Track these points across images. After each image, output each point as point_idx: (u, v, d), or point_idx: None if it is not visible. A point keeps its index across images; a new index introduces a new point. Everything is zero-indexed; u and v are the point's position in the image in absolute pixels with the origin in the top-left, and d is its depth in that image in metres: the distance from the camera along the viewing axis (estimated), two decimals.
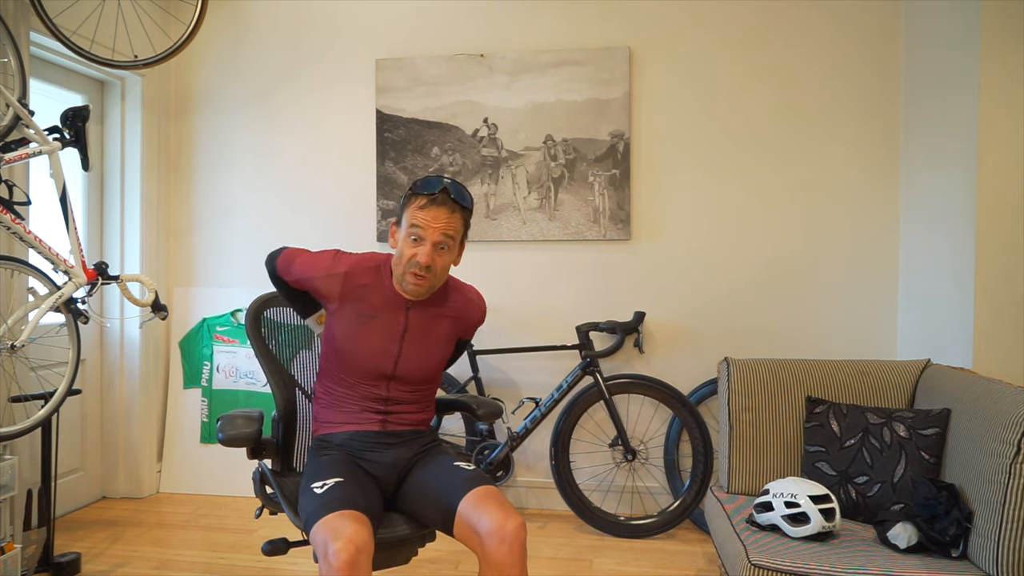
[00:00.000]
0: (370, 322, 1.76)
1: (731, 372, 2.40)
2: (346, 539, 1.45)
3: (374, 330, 1.76)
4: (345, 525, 1.49)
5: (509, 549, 1.54)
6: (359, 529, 1.49)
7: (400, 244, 1.73)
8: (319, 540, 1.49)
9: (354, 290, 1.77)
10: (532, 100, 3.27)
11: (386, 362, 1.78)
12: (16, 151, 2.24)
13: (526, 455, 3.33)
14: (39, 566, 2.53)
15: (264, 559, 2.71)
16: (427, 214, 1.68)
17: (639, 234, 3.24)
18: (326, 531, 1.48)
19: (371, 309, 1.76)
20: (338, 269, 1.78)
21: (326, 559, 1.44)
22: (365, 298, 1.77)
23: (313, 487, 1.64)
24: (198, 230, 3.63)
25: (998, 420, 1.76)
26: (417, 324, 1.80)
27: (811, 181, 3.12)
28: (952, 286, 2.59)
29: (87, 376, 3.34)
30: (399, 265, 1.73)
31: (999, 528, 1.68)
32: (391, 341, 1.77)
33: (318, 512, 1.54)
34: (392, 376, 1.80)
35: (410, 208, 1.71)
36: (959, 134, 2.54)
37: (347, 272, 1.78)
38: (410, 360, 1.80)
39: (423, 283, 1.72)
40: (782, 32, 3.12)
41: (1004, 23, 2.38)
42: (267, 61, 3.54)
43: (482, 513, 1.59)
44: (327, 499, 1.58)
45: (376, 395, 1.80)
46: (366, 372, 1.78)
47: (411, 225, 1.69)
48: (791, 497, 1.92)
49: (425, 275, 1.70)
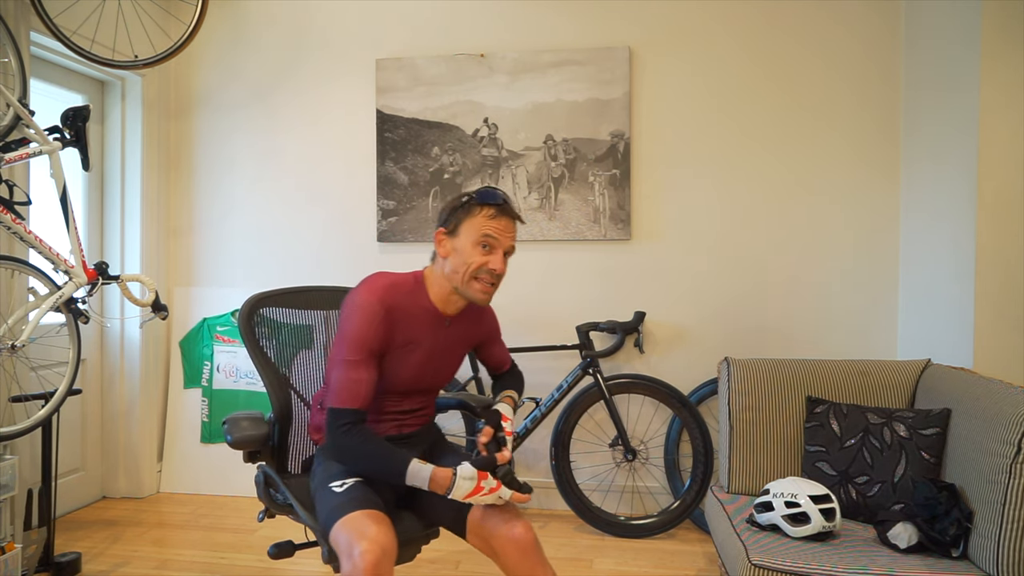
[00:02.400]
0: (417, 349, 1.71)
1: (731, 372, 2.40)
2: (371, 539, 1.44)
3: (418, 355, 1.72)
4: (369, 525, 1.48)
5: (524, 555, 1.59)
6: (383, 530, 1.48)
7: (463, 253, 1.66)
8: (342, 539, 1.47)
9: (401, 321, 1.68)
10: (532, 100, 3.27)
11: (421, 380, 1.76)
12: (16, 151, 2.24)
13: (526, 455, 3.33)
14: (39, 566, 2.53)
15: (265, 559, 2.71)
16: (499, 224, 1.66)
17: (639, 234, 3.24)
18: (349, 530, 1.47)
19: (416, 334, 1.70)
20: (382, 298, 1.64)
21: (351, 559, 1.42)
22: (408, 324, 1.69)
23: (331, 486, 1.62)
24: (198, 230, 3.63)
25: (998, 420, 1.76)
26: (452, 338, 1.79)
27: (811, 182, 3.12)
28: (952, 286, 2.59)
29: (87, 376, 3.34)
30: (462, 273, 1.66)
31: (999, 528, 1.68)
32: (431, 361, 1.75)
33: (339, 510, 1.53)
34: (420, 391, 1.80)
35: (476, 217, 1.66)
36: (959, 133, 2.54)
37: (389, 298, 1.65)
38: (440, 375, 1.81)
39: (491, 290, 1.70)
40: (783, 31, 3.12)
41: (1004, 22, 2.38)
42: (267, 61, 3.54)
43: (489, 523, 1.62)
44: (347, 497, 1.56)
45: (395, 409, 1.78)
46: (396, 391, 1.75)
47: (483, 234, 1.65)
48: (791, 497, 1.92)
49: (494, 282, 1.69)
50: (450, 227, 1.69)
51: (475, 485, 1.55)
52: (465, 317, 1.82)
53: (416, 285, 1.73)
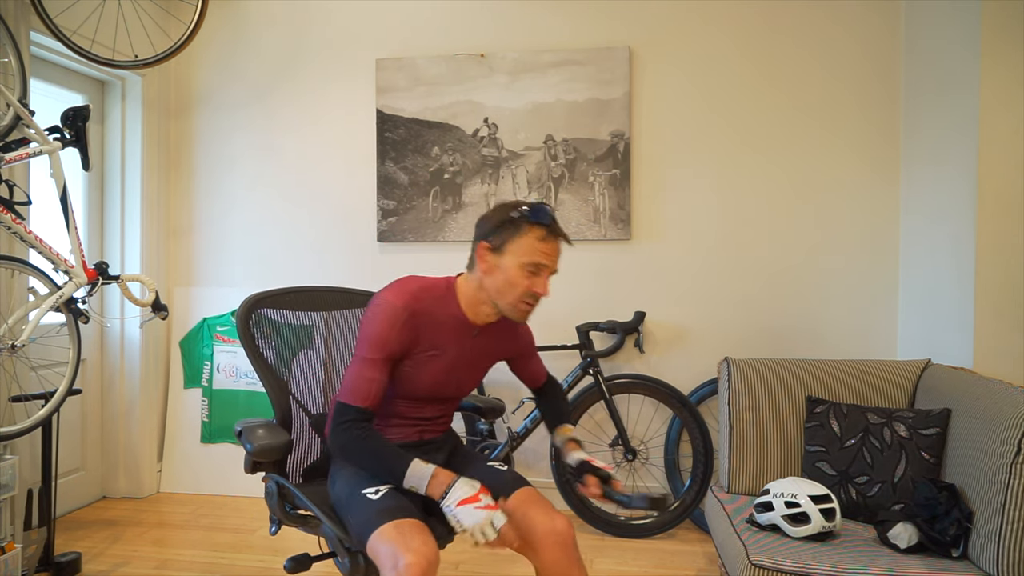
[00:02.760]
0: (441, 356, 1.67)
1: (731, 372, 2.40)
2: (416, 551, 1.40)
3: (442, 363, 1.68)
4: (413, 536, 1.43)
5: (564, 551, 1.57)
6: (427, 540, 1.44)
7: (509, 273, 1.60)
8: (383, 550, 1.42)
9: (427, 327, 1.64)
10: (532, 100, 3.27)
11: (445, 389, 1.73)
12: (16, 151, 2.24)
13: (526, 455, 3.33)
14: (39, 566, 2.53)
15: (265, 559, 2.71)
16: (547, 247, 1.61)
17: (639, 234, 3.24)
18: (392, 541, 1.42)
19: (441, 341, 1.66)
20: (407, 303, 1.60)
21: (395, 571, 1.38)
22: (433, 330, 1.65)
23: (365, 493, 1.57)
24: (198, 229, 3.63)
25: (998, 420, 1.76)
26: (479, 348, 1.74)
27: (811, 181, 3.12)
28: (952, 286, 2.59)
29: (87, 376, 3.34)
30: (508, 294, 1.62)
31: (999, 528, 1.68)
32: (456, 370, 1.71)
33: (377, 520, 1.48)
34: (443, 399, 1.76)
35: (525, 237, 1.59)
36: (959, 134, 2.55)
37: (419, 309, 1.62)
38: (462, 385, 1.76)
39: (532, 310, 1.67)
40: (782, 31, 3.12)
41: (1004, 23, 2.38)
42: (267, 61, 3.54)
43: (530, 518, 1.59)
44: (385, 506, 1.52)
45: (415, 415, 1.75)
46: (416, 398, 1.71)
47: (532, 260, 1.59)
48: (791, 497, 1.92)
49: (536, 305, 1.66)
50: (495, 243, 1.61)
51: (473, 494, 1.51)
52: (495, 329, 1.77)
53: (447, 291, 1.68)
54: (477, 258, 1.64)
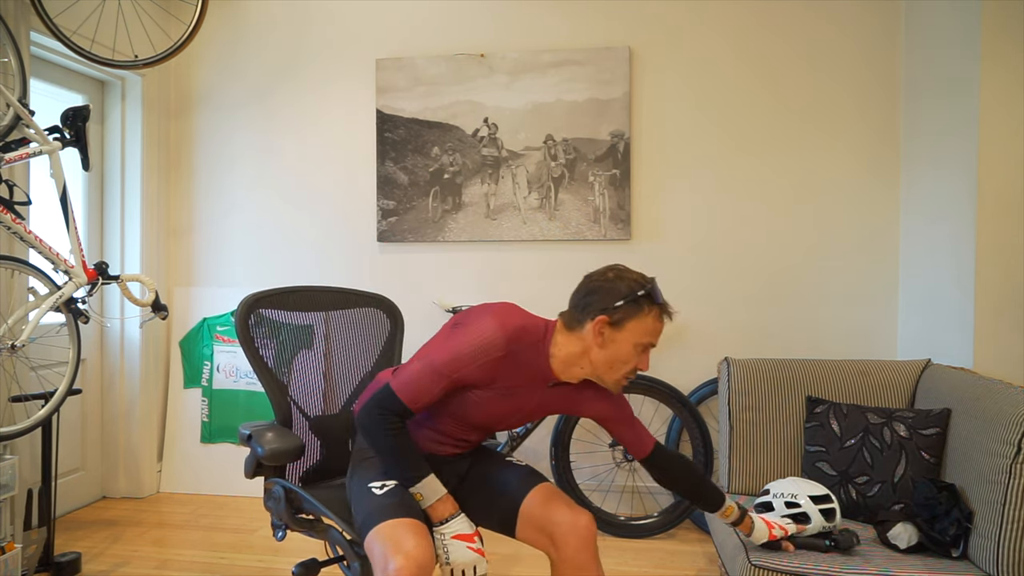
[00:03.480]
0: (511, 397, 1.62)
1: (731, 372, 2.40)
2: (407, 555, 1.38)
3: (510, 404, 1.63)
4: (406, 537, 1.42)
5: (585, 546, 1.57)
6: (420, 543, 1.42)
7: (622, 350, 1.54)
8: (376, 551, 1.41)
9: (511, 367, 1.58)
10: (532, 100, 3.27)
11: (499, 425, 1.70)
12: (16, 151, 2.24)
13: (526, 455, 3.33)
14: (39, 566, 2.53)
15: (265, 559, 2.71)
16: (659, 327, 1.58)
17: (639, 234, 3.24)
18: (385, 541, 1.41)
19: (515, 385, 1.61)
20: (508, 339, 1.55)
21: (384, 573, 1.38)
22: (514, 374, 1.60)
23: (371, 487, 1.57)
24: (198, 230, 3.63)
25: (998, 420, 1.76)
26: (547, 399, 1.68)
27: (811, 181, 3.12)
28: (952, 286, 2.59)
29: (87, 376, 3.34)
30: (617, 370, 1.57)
31: (999, 528, 1.68)
32: (517, 413, 1.66)
33: (375, 516, 1.47)
34: (488, 430, 1.73)
35: (645, 318, 1.54)
36: (959, 134, 2.55)
37: (514, 343, 1.56)
38: (516, 424, 1.72)
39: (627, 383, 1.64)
40: (782, 31, 3.12)
41: (1004, 23, 2.38)
42: (267, 61, 3.54)
43: (551, 513, 1.59)
44: (386, 502, 1.50)
45: (461, 438, 1.72)
46: (472, 426, 1.68)
47: (647, 338, 1.56)
48: (791, 497, 1.92)
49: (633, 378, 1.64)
50: (615, 318, 1.54)
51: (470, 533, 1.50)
52: (576, 387, 1.69)
53: (543, 339, 1.60)
54: (593, 330, 1.55)
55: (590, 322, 1.55)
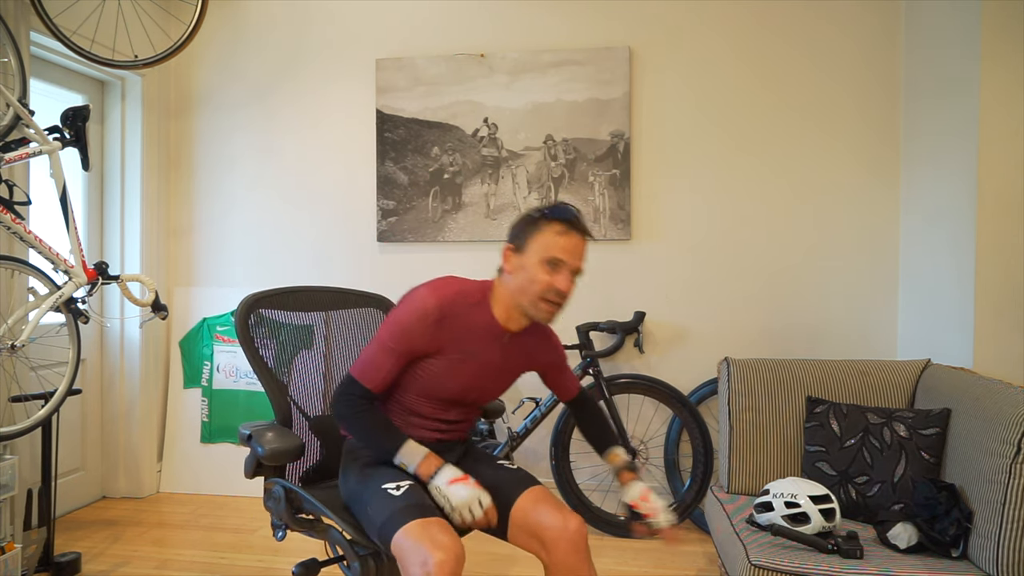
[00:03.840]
0: (470, 361, 1.66)
1: (731, 372, 2.40)
2: (446, 548, 1.40)
3: (471, 367, 1.67)
4: (439, 533, 1.43)
5: (575, 550, 1.56)
6: (454, 537, 1.44)
7: (529, 271, 1.60)
8: (410, 547, 1.41)
9: (457, 329, 1.63)
10: (532, 100, 3.27)
11: (470, 393, 1.72)
12: (16, 151, 2.24)
13: (526, 455, 3.33)
14: (39, 566, 2.53)
15: (265, 559, 2.71)
16: (567, 242, 1.59)
17: (639, 234, 3.24)
18: (420, 538, 1.41)
19: (472, 347, 1.65)
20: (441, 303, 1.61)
21: (424, 568, 1.37)
22: (467, 335, 1.65)
23: (386, 488, 1.56)
24: (198, 229, 3.63)
25: (998, 420, 1.76)
26: (508, 356, 1.73)
27: (811, 181, 3.12)
28: (952, 286, 2.59)
29: (87, 376, 3.34)
30: (528, 292, 1.60)
31: (999, 528, 1.68)
32: (484, 376, 1.70)
33: (401, 516, 1.47)
34: (468, 403, 1.75)
35: (544, 234, 1.59)
36: (959, 134, 2.54)
37: (449, 305, 1.62)
38: (489, 392, 1.75)
39: (557, 309, 1.64)
40: (782, 31, 3.12)
41: (1004, 23, 2.38)
42: (267, 61, 3.54)
43: (541, 516, 1.59)
44: (409, 502, 1.51)
45: (438, 417, 1.74)
46: (441, 400, 1.70)
47: (549, 253, 1.58)
48: (791, 497, 1.92)
49: (561, 301, 1.63)
50: (517, 243, 1.63)
51: (462, 475, 1.56)
52: (527, 338, 1.75)
53: (482, 296, 1.68)
54: (503, 260, 1.65)
55: (502, 256, 1.66)
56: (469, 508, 1.52)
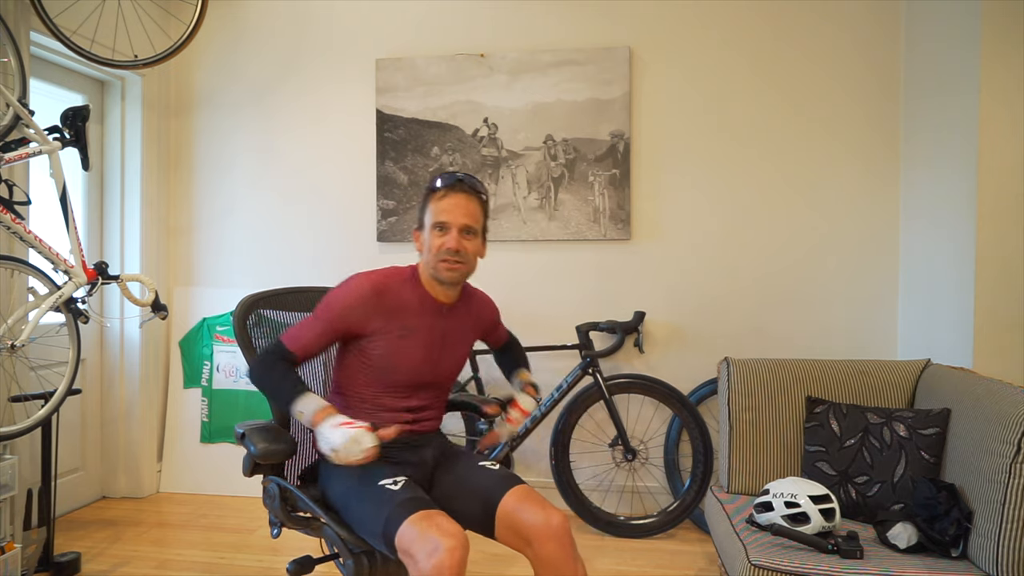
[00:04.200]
0: (412, 336, 1.72)
1: (731, 372, 2.40)
2: (453, 535, 1.43)
3: (416, 343, 1.73)
4: (444, 522, 1.47)
5: (560, 545, 1.57)
6: (459, 528, 1.48)
7: (427, 241, 1.72)
8: (417, 537, 1.44)
9: (393, 306, 1.71)
10: (532, 100, 3.27)
11: (425, 371, 1.76)
12: (16, 151, 2.24)
13: (526, 455, 3.33)
14: (39, 566, 2.53)
15: (265, 559, 2.71)
16: (447, 203, 1.70)
17: (639, 234, 3.24)
18: (427, 528, 1.44)
19: (410, 322, 1.72)
20: (374, 284, 1.70)
21: (434, 555, 1.40)
22: (405, 311, 1.72)
23: (383, 484, 1.59)
24: (198, 229, 3.63)
25: (998, 420, 1.76)
26: (452, 328, 1.79)
27: (811, 181, 3.12)
28: (952, 286, 2.59)
29: (87, 376, 3.34)
30: (429, 261, 1.72)
31: (999, 528, 1.68)
32: (432, 349, 1.75)
33: (404, 509, 1.50)
34: (427, 384, 1.79)
35: (429, 205, 1.73)
36: (959, 134, 2.54)
37: (383, 285, 1.71)
38: (446, 365, 1.80)
39: (458, 267, 1.71)
40: (783, 31, 3.12)
41: (1004, 23, 2.38)
42: (267, 61, 3.54)
43: (524, 514, 1.60)
44: (409, 495, 1.54)
45: (403, 406, 1.77)
46: (404, 384, 1.75)
47: (434, 218, 1.70)
48: (791, 497, 1.92)
49: (457, 260, 1.70)
50: (419, 223, 1.77)
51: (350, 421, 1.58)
52: (465, 306, 1.84)
53: (412, 275, 1.78)
54: (416, 243, 1.78)
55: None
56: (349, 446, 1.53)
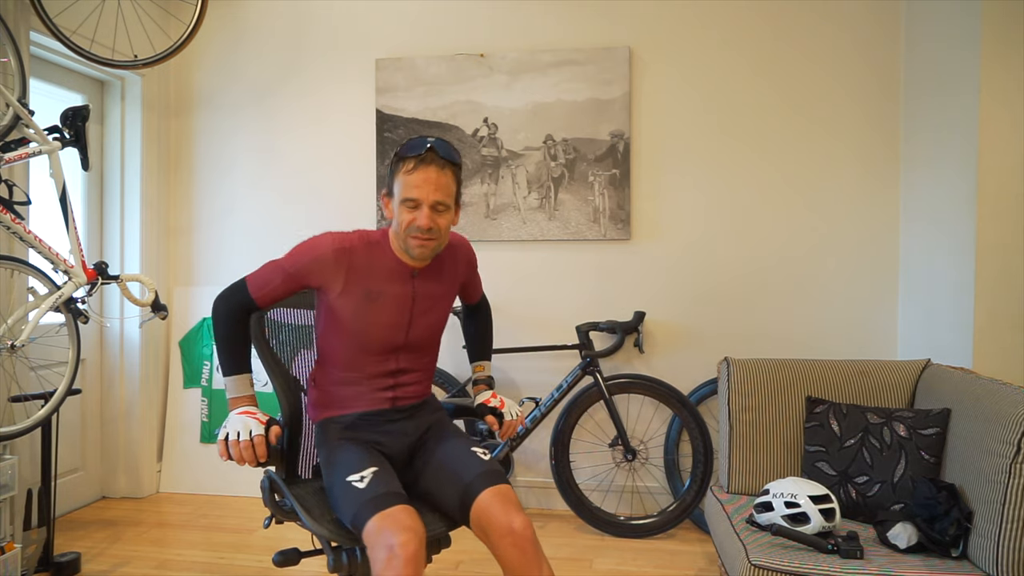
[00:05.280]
0: (379, 298, 1.72)
1: (731, 372, 2.40)
2: (408, 529, 1.48)
3: (384, 306, 1.73)
4: (404, 517, 1.51)
5: (521, 551, 1.58)
6: (415, 519, 1.53)
7: (397, 213, 1.68)
8: (375, 535, 1.49)
9: (358, 267, 1.70)
10: (532, 100, 3.27)
11: (398, 334, 1.77)
12: (16, 151, 2.24)
13: (526, 455, 3.33)
14: (39, 566, 2.54)
15: (264, 559, 2.71)
16: (418, 177, 1.64)
17: (639, 234, 3.24)
18: (384, 525, 1.49)
19: (378, 285, 1.72)
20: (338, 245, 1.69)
21: (392, 551, 1.44)
22: (370, 274, 1.71)
23: (350, 481, 1.61)
24: (198, 229, 3.63)
25: (998, 420, 1.76)
26: (423, 291, 1.79)
27: (811, 181, 3.12)
28: (952, 286, 2.59)
29: (87, 376, 3.34)
30: (400, 234, 1.69)
31: (999, 528, 1.68)
32: (401, 313, 1.75)
33: (369, 508, 1.53)
34: (403, 347, 1.79)
35: (399, 175, 1.66)
36: (959, 134, 2.55)
37: (348, 248, 1.69)
38: (419, 327, 1.79)
39: (429, 244, 1.69)
40: (783, 31, 3.12)
41: (1004, 23, 2.38)
42: (267, 61, 3.54)
43: (491, 514, 1.61)
44: (374, 493, 1.56)
45: (384, 371, 1.78)
46: (378, 348, 1.76)
47: (404, 193, 1.65)
48: (791, 497, 1.92)
49: (429, 236, 1.68)
50: (388, 188, 1.73)
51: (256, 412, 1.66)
52: (437, 267, 1.81)
53: (383, 238, 1.76)
54: (384, 209, 1.76)
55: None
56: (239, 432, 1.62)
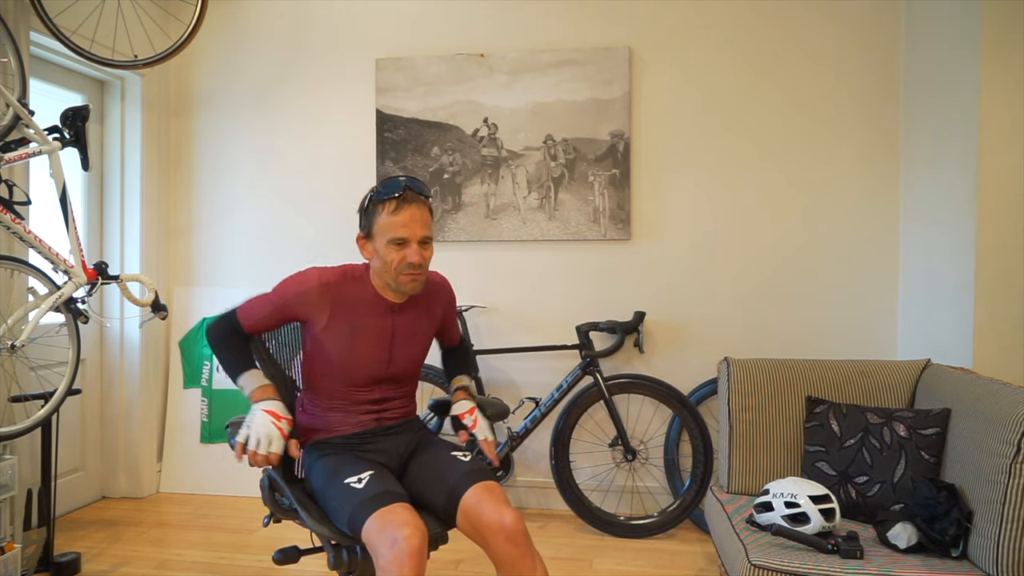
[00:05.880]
0: (361, 333, 1.76)
1: (731, 372, 2.40)
2: (410, 524, 1.49)
3: (365, 339, 1.76)
4: (404, 514, 1.53)
5: (515, 545, 1.59)
6: (415, 515, 1.54)
7: (381, 254, 1.71)
8: (377, 532, 1.50)
9: (342, 302, 1.74)
10: (532, 100, 3.27)
11: (379, 368, 1.80)
12: (16, 151, 2.24)
13: (526, 455, 3.33)
14: (39, 566, 2.53)
15: (264, 559, 2.71)
16: (403, 217, 1.68)
17: (639, 234, 3.24)
18: (386, 522, 1.50)
19: (359, 320, 1.76)
20: (323, 280, 1.74)
21: (394, 545, 1.46)
22: (352, 309, 1.75)
23: (348, 482, 1.63)
24: (198, 229, 3.63)
25: (998, 420, 1.76)
26: (403, 325, 1.82)
27: (811, 181, 3.12)
28: (952, 286, 2.59)
29: (87, 376, 3.34)
30: (386, 273, 1.72)
31: (999, 528, 1.68)
32: (382, 348, 1.79)
33: (368, 507, 1.55)
34: (385, 379, 1.83)
35: (380, 217, 1.70)
36: (959, 134, 2.54)
37: (333, 283, 1.74)
38: (399, 361, 1.83)
39: (420, 278, 1.74)
40: (783, 31, 3.12)
41: (1004, 23, 2.38)
42: (267, 61, 3.54)
43: (481, 511, 1.63)
44: (373, 492, 1.58)
45: (368, 399, 1.83)
46: (361, 380, 1.80)
47: (392, 234, 1.68)
48: (791, 497, 1.92)
49: (421, 271, 1.72)
50: (365, 231, 1.75)
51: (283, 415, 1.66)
52: (417, 304, 1.84)
53: (364, 273, 1.80)
54: (360, 250, 1.77)
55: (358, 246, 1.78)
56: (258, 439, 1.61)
